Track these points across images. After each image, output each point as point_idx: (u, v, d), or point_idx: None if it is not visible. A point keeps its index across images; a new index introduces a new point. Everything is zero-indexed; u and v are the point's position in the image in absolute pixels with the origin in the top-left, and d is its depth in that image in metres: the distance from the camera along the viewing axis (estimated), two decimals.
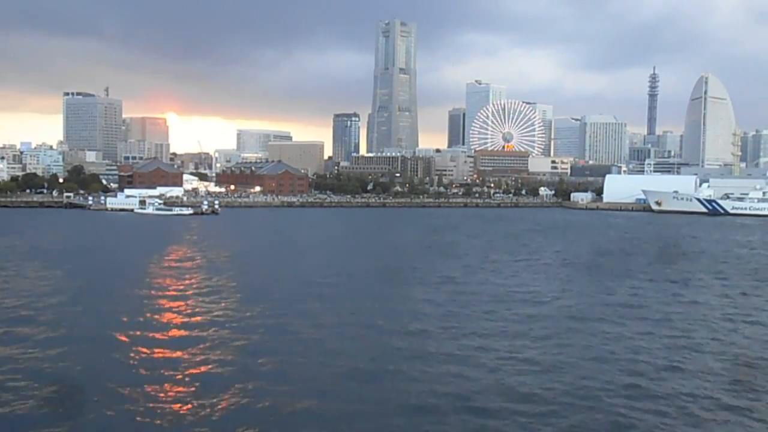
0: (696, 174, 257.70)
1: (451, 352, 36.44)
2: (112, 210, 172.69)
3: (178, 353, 35.72)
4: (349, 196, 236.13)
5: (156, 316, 44.83)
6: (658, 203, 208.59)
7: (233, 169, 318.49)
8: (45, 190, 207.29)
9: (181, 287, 56.70)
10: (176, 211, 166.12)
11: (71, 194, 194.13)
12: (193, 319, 44.32)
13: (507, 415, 27.53)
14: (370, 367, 33.90)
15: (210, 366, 33.61)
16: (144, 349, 36.29)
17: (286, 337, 39.20)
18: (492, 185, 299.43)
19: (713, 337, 41.58)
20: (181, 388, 30.22)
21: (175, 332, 40.70)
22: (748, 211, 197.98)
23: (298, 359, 34.75)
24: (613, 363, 35.05)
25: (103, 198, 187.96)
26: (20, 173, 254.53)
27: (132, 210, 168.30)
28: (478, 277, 64.84)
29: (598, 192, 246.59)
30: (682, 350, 38.07)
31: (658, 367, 34.40)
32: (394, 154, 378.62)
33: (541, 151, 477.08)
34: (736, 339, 41.28)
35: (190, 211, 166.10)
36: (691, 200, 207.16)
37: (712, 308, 50.78)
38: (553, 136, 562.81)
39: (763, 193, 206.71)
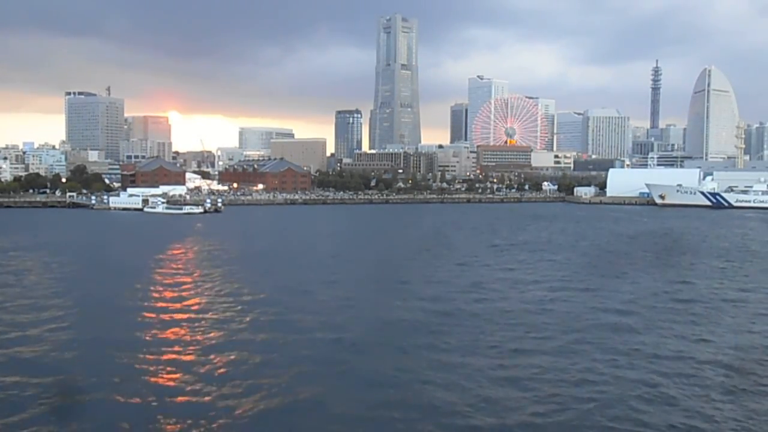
0: (700, 167, 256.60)
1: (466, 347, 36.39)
2: (115, 209, 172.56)
3: (182, 351, 35.78)
4: (351, 192, 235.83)
5: (164, 314, 44.78)
6: (661, 197, 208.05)
7: (236, 167, 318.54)
8: (48, 190, 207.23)
9: (188, 286, 56.60)
10: (186, 210, 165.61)
11: (74, 194, 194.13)
12: (199, 317, 44.21)
13: (510, 414, 27.44)
14: (377, 367, 33.84)
15: (211, 366, 33.50)
16: (152, 347, 36.34)
17: (290, 336, 39.08)
18: (495, 180, 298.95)
19: (715, 328, 41.46)
20: (184, 386, 30.16)
21: (180, 330, 40.67)
22: (752, 204, 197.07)
23: (303, 357, 34.67)
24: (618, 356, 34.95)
25: (106, 197, 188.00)
26: (23, 173, 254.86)
27: (138, 209, 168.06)
28: (481, 271, 64.69)
29: (602, 186, 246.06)
30: (681, 348, 37.92)
31: (661, 362, 34.28)
32: (396, 150, 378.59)
33: (544, 145, 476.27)
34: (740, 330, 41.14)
35: (200, 209, 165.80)
36: (694, 193, 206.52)
37: (714, 299, 50.63)
38: (555, 131, 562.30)
39: None
